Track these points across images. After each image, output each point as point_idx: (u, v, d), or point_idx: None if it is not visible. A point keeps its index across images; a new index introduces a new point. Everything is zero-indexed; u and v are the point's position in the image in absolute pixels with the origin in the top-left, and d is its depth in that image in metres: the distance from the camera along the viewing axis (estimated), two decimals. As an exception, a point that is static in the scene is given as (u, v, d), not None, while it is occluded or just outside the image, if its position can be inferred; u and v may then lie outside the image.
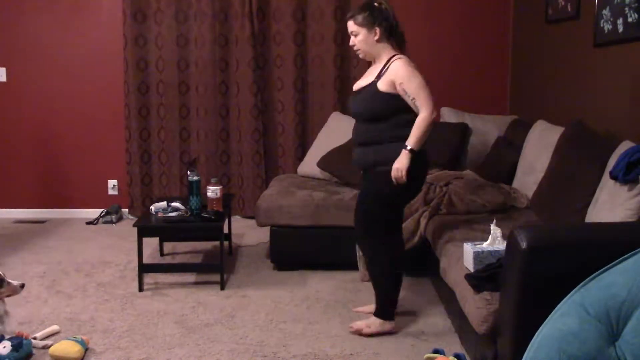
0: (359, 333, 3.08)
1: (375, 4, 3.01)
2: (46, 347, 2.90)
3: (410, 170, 2.93)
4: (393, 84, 2.95)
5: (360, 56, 3.13)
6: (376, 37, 3.01)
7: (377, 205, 3.07)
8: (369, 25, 3.00)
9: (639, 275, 1.97)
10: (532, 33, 4.74)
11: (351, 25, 3.04)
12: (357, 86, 3.16)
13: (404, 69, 2.96)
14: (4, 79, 5.32)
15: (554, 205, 3.21)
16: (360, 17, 3.00)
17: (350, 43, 3.09)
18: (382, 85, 2.97)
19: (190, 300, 3.54)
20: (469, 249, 2.70)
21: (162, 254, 4.37)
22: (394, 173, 2.93)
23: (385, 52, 3.05)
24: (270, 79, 5.27)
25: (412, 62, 3.02)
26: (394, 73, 2.96)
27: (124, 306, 3.46)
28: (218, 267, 3.77)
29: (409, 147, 2.91)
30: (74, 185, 5.46)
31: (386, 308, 3.12)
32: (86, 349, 2.90)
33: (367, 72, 3.15)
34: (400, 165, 2.92)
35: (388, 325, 3.11)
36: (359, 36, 3.03)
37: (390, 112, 2.97)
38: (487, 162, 4.34)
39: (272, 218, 3.99)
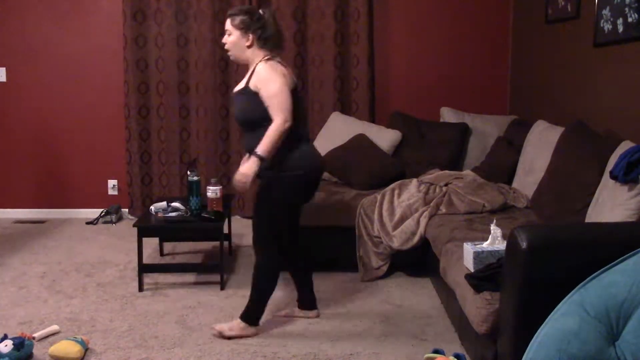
0: (220, 335, 3.04)
1: (260, 11, 2.97)
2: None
3: (275, 187, 2.93)
4: (257, 88, 2.90)
5: (231, 58, 3.08)
6: (247, 43, 2.96)
7: (265, 210, 3.02)
8: (243, 29, 2.95)
9: (639, 275, 1.97)
10: (532, 33, 4.74)
11: (227, 24, 2.99)
12: (234, 91, 3.10)
13: (264, 72, 2.91)
14: (4, 79, 5.32)
15: (554, 205, 3.21)
16: (238, 19, 2.95)
17: (223, 41, 3.04)
18: (251, 90, 2.92)
19: (190, 300, 3.54)
20: (469, 249, 2.70)
21: (162, 254, 4.37)
22: (237, 177, 2.88)
23: (257, 57, 2.99)
24: (270, 79, 5.27)
25: (279, 66, 2.95)
26: (256, 77, 2.92)
27: (124, 306, 3.46)
28: (218, 267, 3.77)
29: (258, 153, 2.84)
30: (74, 185, 5.46)
31: (255, 313, 3.09)
32: (86, 349, 2.90)
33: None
34: (246, 170, 2.86)
35: (251, 330, 3.07)
36: (232, 37, 2.98)
37: (263, 117, 2.89)
38: (487, 162, 4.34)
39: (272, 218, 3.98)
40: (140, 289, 3.68)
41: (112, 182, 5.47)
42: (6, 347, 2.76)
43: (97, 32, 5.27)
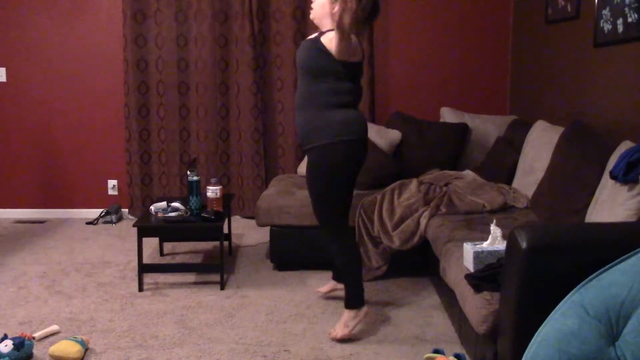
0: (343, 338, 3.00)
1: None
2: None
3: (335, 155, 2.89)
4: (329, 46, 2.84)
5: (310, 17, 3.03)
6: (333, 11, 2.90)
7: (324, 186, 2.98)
8: None
9: (639, 275, 1.97)
10: (532, 33, 4.74)
11: None
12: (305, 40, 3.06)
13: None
14: (4, 79, 5.32)
15: (554, 205, 3.21)
16: None
17: None
18: (322, 45, 2.87)
19: (190, 300, 3.54)
20: (469, 249, 2.70)
21: (162, 254, 4.37)
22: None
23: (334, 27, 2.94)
24: (270, 79, 5.27)
25: (353, 39, 2.90)
26: (328, 38, 2.87)
27: (124, 306, 3.46)
28: (218, 267, 3.77)
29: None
30: (74, 185, 5.46)
31: (358, 295, 3.06)
32: (86, 349, 2.90)
33: None
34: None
35: (363, 312, 3.05)
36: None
37: (324, 71, 2.86)
38: (487, 162, 4.34)
39: (272, 218, 3.99)
40: (140, 289, 3.68)
41: (112, 182, 5.47)
42: (6, 347, 2.76)
43: (97, 32, 5.27)
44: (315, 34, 3.01)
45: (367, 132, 3.02)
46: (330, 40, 2.85)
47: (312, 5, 3.01)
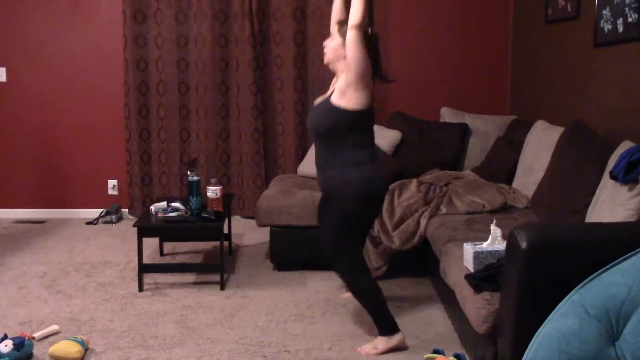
0: (364, 354, 2.93)
1: (369, 29, 2.91)
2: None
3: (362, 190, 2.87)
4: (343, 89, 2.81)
5: (325, 62, 3.03)
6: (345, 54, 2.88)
7: (344, 231, 2.96)
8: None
9: (639, 275, 1.97)
10: (532, 33, 4.74)
11: (333, 28, 2.97)
12: (315, 103, 3.06)
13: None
14: (4, 79, 5.32)
15: (554, 205, 3.21)
16: (345, 28, 2.85)
17: (324, 43, 3.02)
18: (332, 104, 2.84)
19: (190, 300, 3.54)
20: (469, 249, 2.70)
21: (162, 254, 4.37)
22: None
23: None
24: (270, 79, 5.27)
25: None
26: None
27: (123, 306, 3.46)
28: (218, 267, 3.77)
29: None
30: (74, 185, 5.46)
31: (388, 322, 2.99)
32: (86, 349, 2.90)
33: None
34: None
35: (397, 338, 2.95)
36: (334, 42, 2.94)
37: (338, 128, 2.83)
38: (487, 162, 4.34)
39: (272, 218, 3.99)
40: (140, 289, 3.68)
41: (112, 182, 5.47)
42: (6, 347, 2.76)
43: (97, 32, 5.27)
44: (325, 96, 2.97)
45: (388, 178, 3.05)
46: (340, 97, 2.82)
47: (325, 50, 3.01)
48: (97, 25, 5.27)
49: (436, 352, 2.77)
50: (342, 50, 2.88)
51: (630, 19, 3.15)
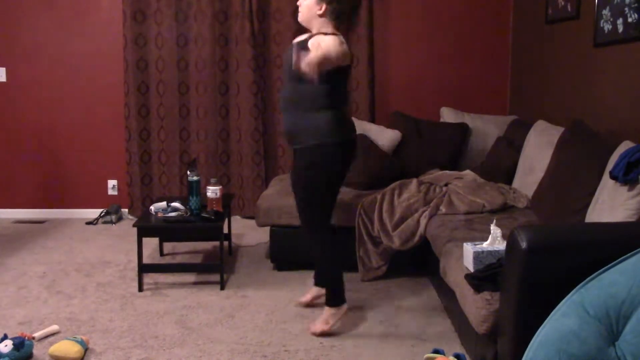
0: (323, 333, 3.06)
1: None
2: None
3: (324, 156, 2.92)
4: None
5: (299, 19, 3.06)
6: (319, 12, 2.96)
7: (310, 187, 3.02)
8: None
9: (639, 275, 1.97)
10: (532, 33, 4.74)
11: None
12: (293, 42, 3.10)
13: (327, 38, 2.87)
14: (4, 79, 5.32)
15: (554, 205, 3.21)
16: None
17: (298, 2, 3.04)
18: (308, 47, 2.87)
19: (190, 300, 3.54)
20: (469, 249, 2.70)
21: (162, 254, 4.37)
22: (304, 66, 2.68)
23: (324, 29, 2.98)
24: (270, 79, 5.27)
25: (344, 43, 2.94)
26: (317, 38, 2.88)
27: (123, 306, 3.46)
28: (218, 267, 3.77)
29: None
30: (74, 185, 5.46)
31: (339, 294, 3.11)
32: (86, 349, 2.90)
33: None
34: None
35: (343, 309, 3.11)
36: (307, 1, 2.98)
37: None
38: (487, 162, 4.34)
39: (272, 218, 3.99)
40: (140, 289, 3.68)
41: (112, 182, 5.47)
42: (6, 347, 2.76)
43: (97, 32, 5.27)
44: (304, 36, 3.02)
45: (355, 133, 3.06)
46: (316, 45, 2.84)
47: (300, 9, 3.04)
48: (97, 25, 5.27)
49: (436, 352, 2.77)
50: (316, 8, 2.94)
51: (630, 19, 3.15)
